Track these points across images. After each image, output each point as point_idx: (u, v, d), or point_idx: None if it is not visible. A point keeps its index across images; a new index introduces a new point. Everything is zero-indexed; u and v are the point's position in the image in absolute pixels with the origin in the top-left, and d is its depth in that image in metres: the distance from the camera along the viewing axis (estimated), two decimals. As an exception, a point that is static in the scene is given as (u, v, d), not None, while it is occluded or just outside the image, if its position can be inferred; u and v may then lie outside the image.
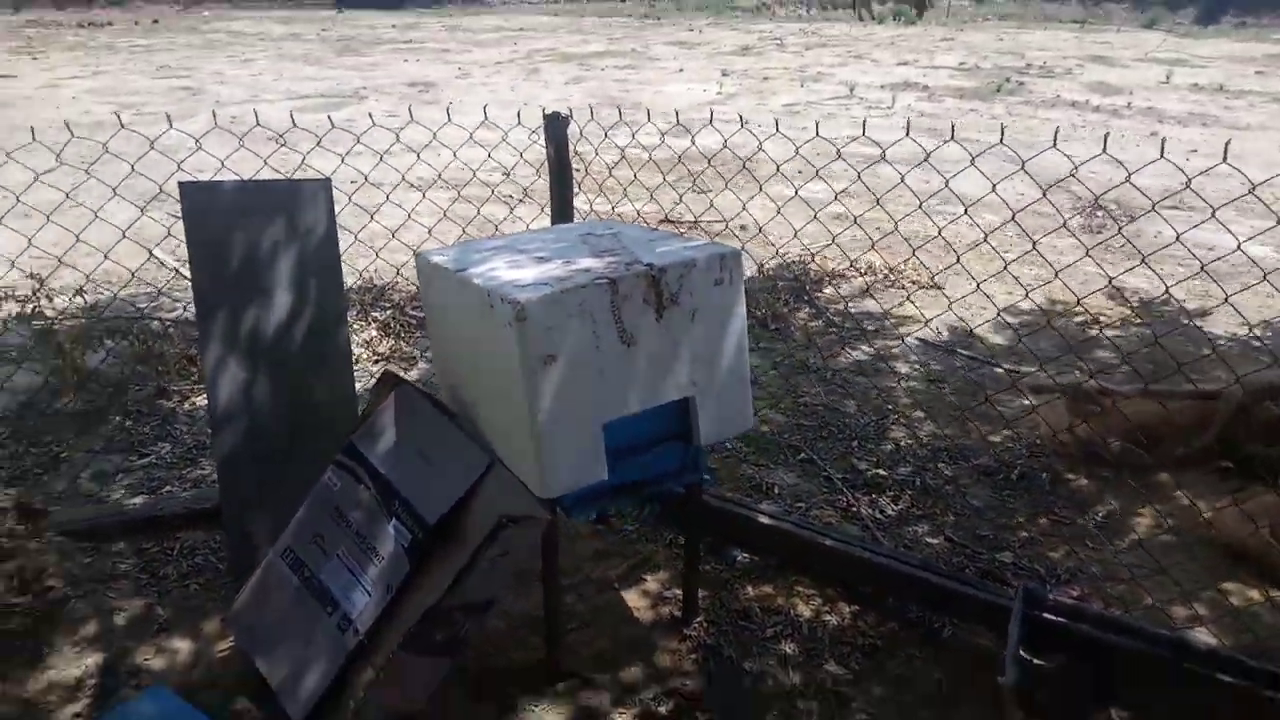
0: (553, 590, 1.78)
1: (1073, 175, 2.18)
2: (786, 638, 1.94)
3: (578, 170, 4.34)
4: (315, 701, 1.59)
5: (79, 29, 18.13)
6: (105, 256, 2.52)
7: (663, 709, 1.74)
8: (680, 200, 3.84)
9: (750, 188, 4.11)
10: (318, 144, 2.77)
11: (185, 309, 3.52)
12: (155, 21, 19.97)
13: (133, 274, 2.90)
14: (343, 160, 2.82)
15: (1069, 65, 12.19)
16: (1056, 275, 2.70)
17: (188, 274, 3.59)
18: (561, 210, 2.42)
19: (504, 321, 1.48)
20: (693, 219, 5.01)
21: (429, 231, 3.58)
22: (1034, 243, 2.50)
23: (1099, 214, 5.23)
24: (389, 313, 3.71)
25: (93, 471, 2.46)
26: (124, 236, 2.56)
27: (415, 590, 1.61)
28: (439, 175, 3.39)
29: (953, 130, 2.94)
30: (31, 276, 3.30)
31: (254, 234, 2.00)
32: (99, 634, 1.92)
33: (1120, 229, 4.72)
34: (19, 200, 2.39)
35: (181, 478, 2.47)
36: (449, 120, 2.99)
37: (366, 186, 3.37)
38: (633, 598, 2.05)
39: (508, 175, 5.60)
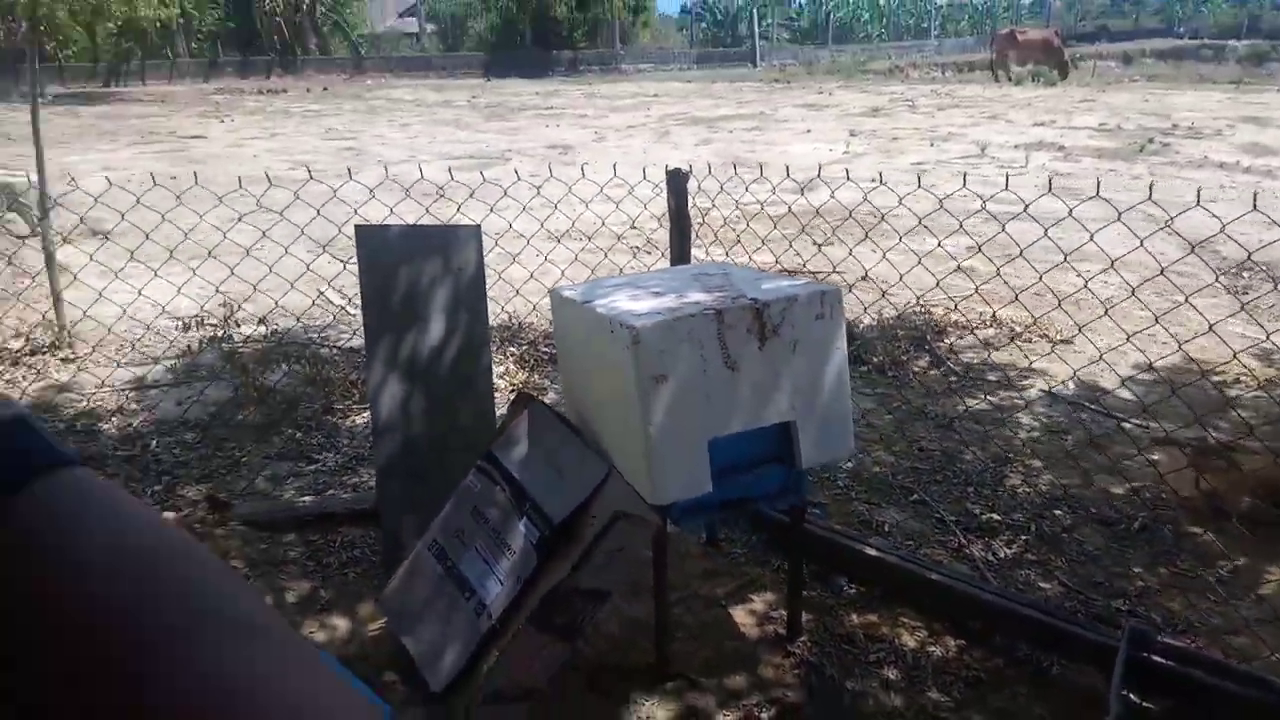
0: (663, 598, 1.93)
1: (1221, 233, 2.19)
2: (889, 664, 1.99)
3: (700, 224, 4.56)
4: (453, 676, 1.79)
5: (259, 95, 20.24)
6: (291, 285, 2.91)
7: (765, 715, 1.83)
8: (795, 251, 3.98)
9: (874, 241, 4.21)
10: (470, 195, 3.11)
11: (350, 339, 3.94)
12: (325, 89, 21.99)
13: (312, 302, 3.31)
14: (491, 209, 3.15)
15: (1219, 126, 11.59)
16: (1210, 327, 2.66)
17: (352, 309, 3.99)
18: (680, 255, 2.62)
19: (622, 344, 1.67)
20: (812, 270, 5.12)
21: (562, 273, 3.87)
22: (1186, 298, 2.49)
23: (1245, 274, 4.99)
24: (524, 348, 4.01)
25: (268, 474, 2.81)
26: (307, 269, 2.95)
27: (541, 582, 1.79)
28: (573, 224, 3.67)
29: (1098, 186, 2.95)
30: (223, 306, 3.80)
31: (415, 271, 2.29)
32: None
33: (1268, 290, 4.49)
34: (224, 236, 2.81)
35: (343, 483, 2.79)
36: (583, 177, 3.27)
37: (510, 235, 3.71)
38: (739, 615, 2.16)
39: (633, 226, 5.89)
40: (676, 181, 2.65)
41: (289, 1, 25.21)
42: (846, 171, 3.45)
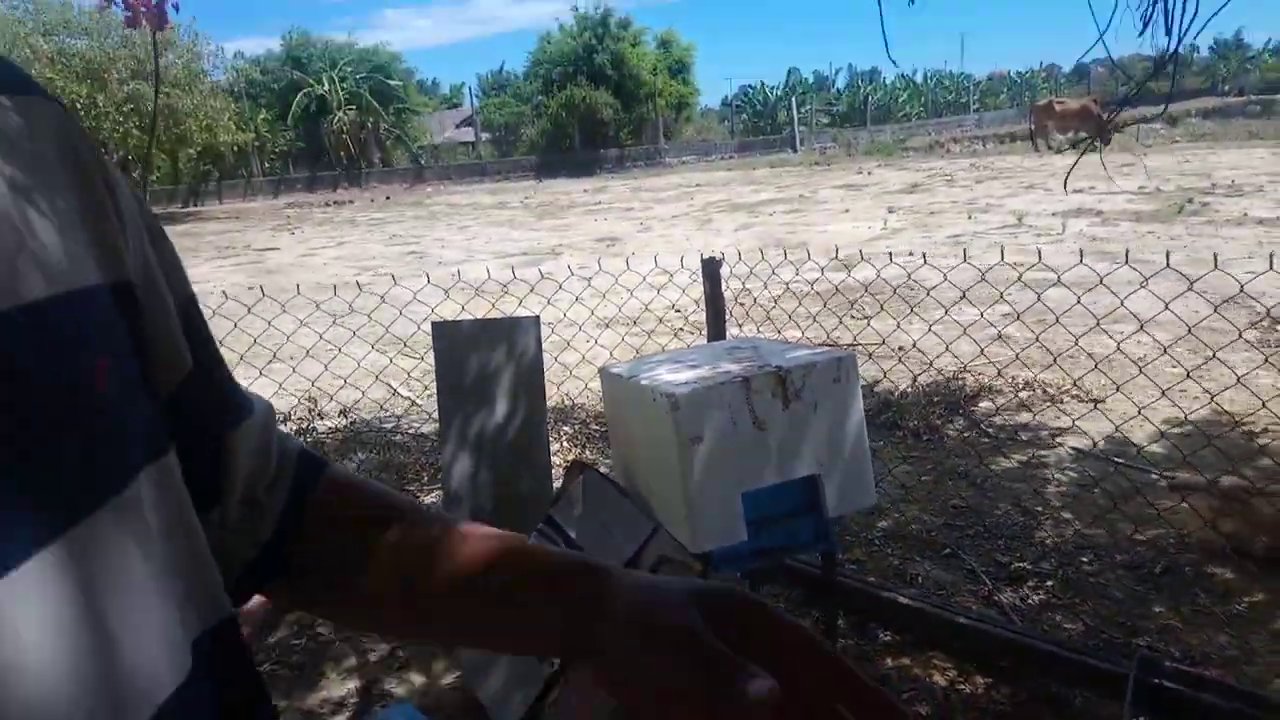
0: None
1: (1245, 289, 2.40)
2: (921, 701, 2.16)
3: (742, 304, 4.85)
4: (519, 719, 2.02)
5: (326, 207, 21.57)
6: (378, 377, 3.28)
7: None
8: (831, 325, 4.23)
9: (906, 313, 4.46)
10: (531, 290, 3.47)
11: (420, 426, 4.29)
12: (387, 198, 23.32)
13: (392, 393, 3.68)
14: (548, 303, 3.50)
15: (1260, 182, 11.63)
16: (1238, 379, 2.83)
17: (420, 402, 4.35)
18: (716, 333, 2.91)
19: (663, 410, 1.95)
20: (851, 340, 5.35)
21: (610, 354, 4.19)
22: (1214, 354, 2.68)
23: (1278, 327, 5.07)
24: (577, 426, 4.30)
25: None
26: (392, 361, 3.32)
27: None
28: (619, 310, 4.01)
29: (1126, 255, 3.17)
30: (309, 400, 4.20)
31: (483, 358, 2.62)
32: (356, 667, 2.46)
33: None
34: (323, 337, 3.20)
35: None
36: (627, 269, 3.62)
37: (563, 323, 4.06)
38: (780, 660, 2.34)
39: (675, 309, 6.24)
40: (710, 268, 2.97)
41: (354, 120, 27.04)
42: (890, 254, 3.72)
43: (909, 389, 4.41)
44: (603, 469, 3.82)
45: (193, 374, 0.47)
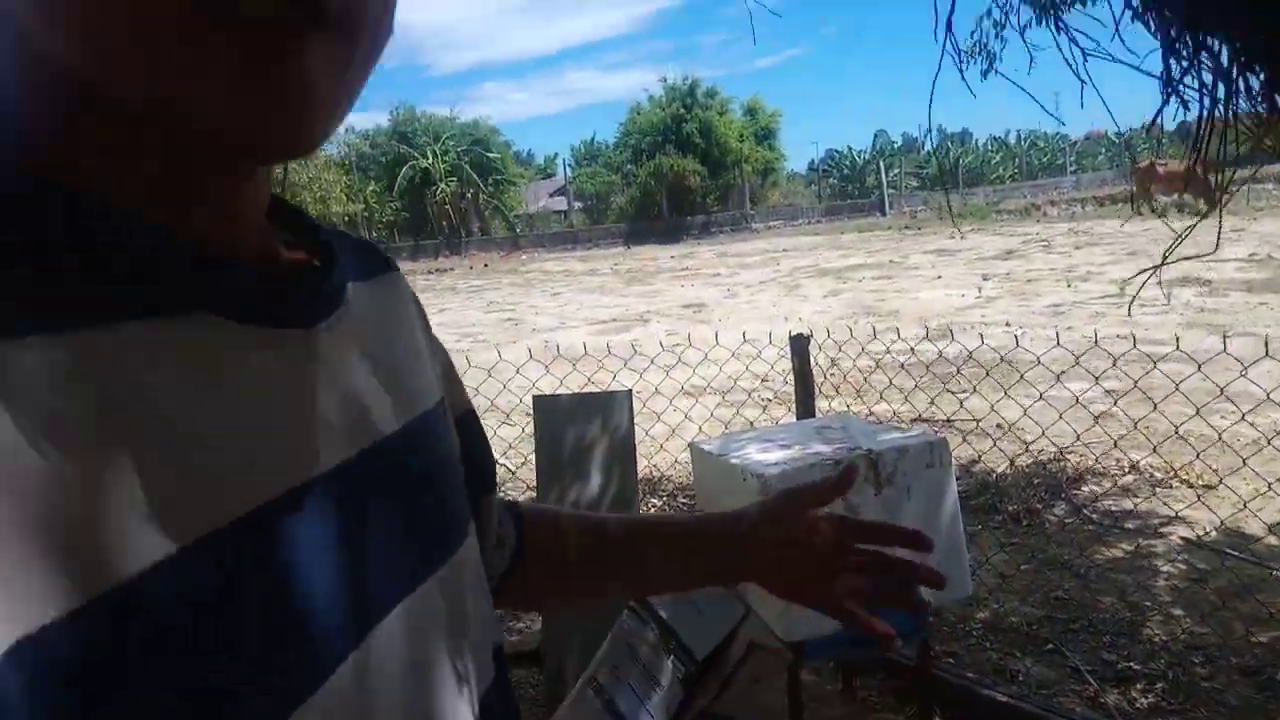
0: (798, 730, 2.13)
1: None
2: (1020, 806, 2.08)
3: (834, 375, 4.84)
4: (609, 794, 2.04)
5: (428, 274, 22.52)
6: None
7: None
8: (925, 401, 4.18)
9: (1004, 385, 4.37)
10: (625, 365, 3.58)
11: (515, 497, 4.42)
12: (485, 266, 24.20)
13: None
14: (640, 376, 3.60)
15: (1389, 248, 10.96)
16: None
17: (517, 472, 4.48)
18: (806, 410, 2.94)
19: (753, 491, 1.99)
20: (945, 418, 5.25)
21: (699, 429, 4.25)
22: None
23: None
24: (665, 499, 4.35)
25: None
26: (496, 432, 3.46)
27: (686, 715, 2.05)
28: (708, 385, 4.07)
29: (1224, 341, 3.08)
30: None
31: (579, 430, 2.73)
32: None
33: None
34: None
35: (509, 627, 3.16)
36: (716, 344, 3.69)
37: (653, 395, 4.15)
38: (872, 753, 2.30)
39: (763, 381, 6.26)
40: (799, 344, 3.02)
41: (455, 191, 28.38)
42: (983, 328, 3.69)
43: (1007, 470, 4.29)
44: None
45: (467, 454, 0.61)
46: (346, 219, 25.64)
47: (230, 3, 0.32)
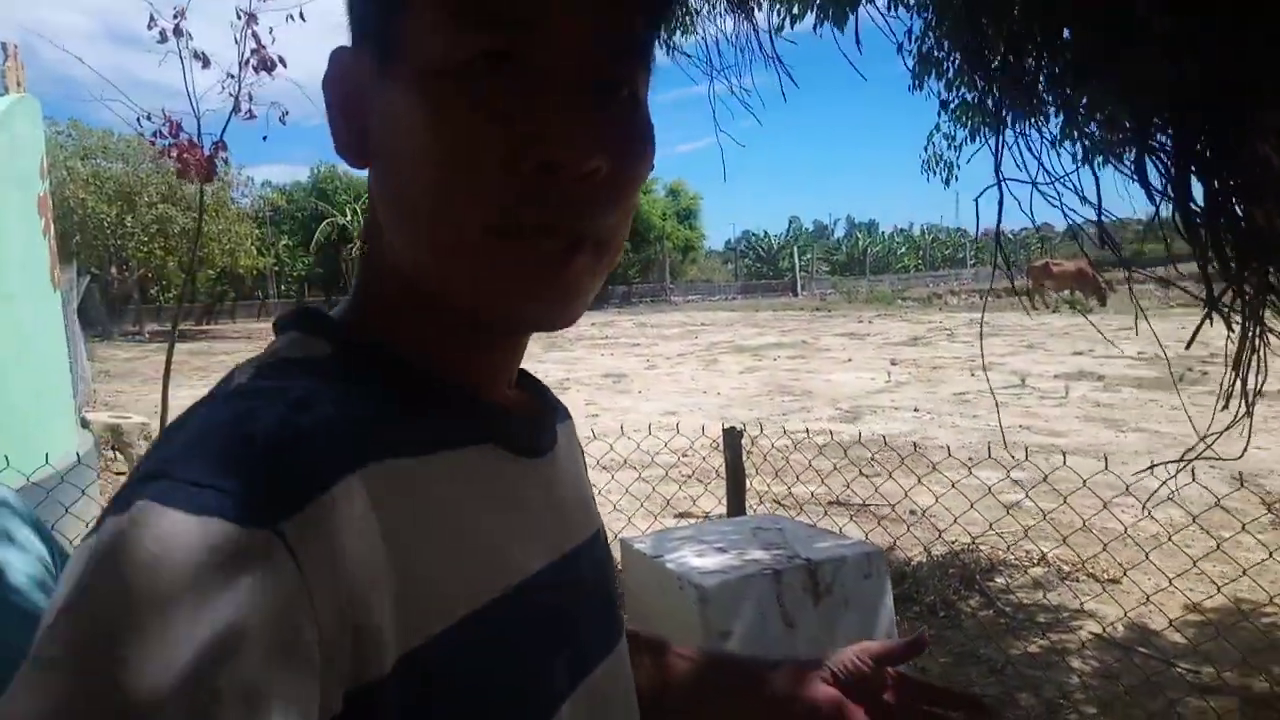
0: None
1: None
2: None
3: (750, 450, 4.86)
4: None
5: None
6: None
7: None
8: (842, 485, 4.22)
9: (917, 472, 4.46)
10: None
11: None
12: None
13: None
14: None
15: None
16: (1244, 571, 2.80)
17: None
18: (737, 505, 2.91)
19: (690, 601, 1.92)
20: (861, 502, 5.32)
21: (613, 505, 4.16)
22: (1218, 545, 2.66)
23: (1293, 508, 5.04)
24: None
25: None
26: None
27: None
28: (624, 460, 4.01)
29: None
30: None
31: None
32: None
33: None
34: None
35: None
36: (647, 434, 3.64)
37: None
38: None
39: (683, 456, 6.25)
40: (732, 438, 3.00)
41: (370, 248, 27.91)
42: (893, 409, 3.77)
43: (923, 559, 4.35)
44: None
45: None
46: (255, 273, 24.85)
47: (533, 243, 0.46)
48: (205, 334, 22.98)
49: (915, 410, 8.63)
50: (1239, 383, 1.18)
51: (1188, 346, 1.21)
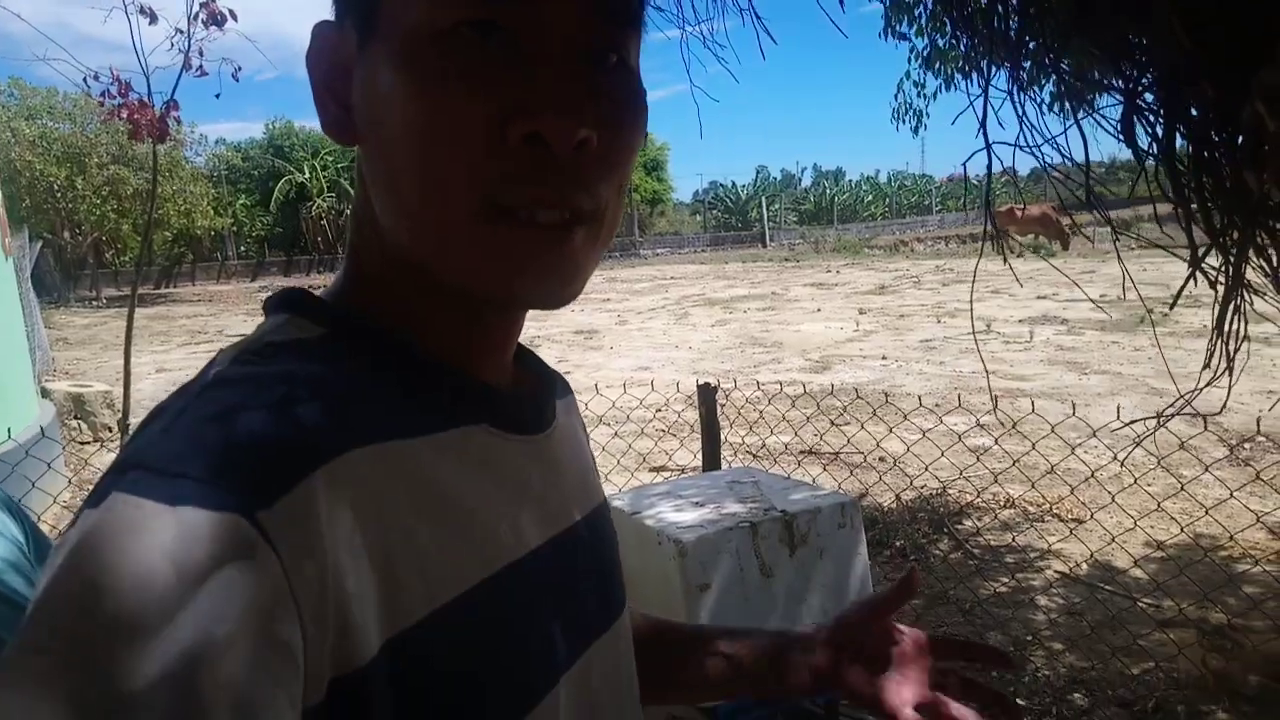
0: (710, 792, 2.08)
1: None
2: None
3: (724, 403, 4.90)
4: None
5: (303, 295, 21.54)
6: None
7: None
8: (813, 432, 4.28)
9: (888, 420, 4.53)
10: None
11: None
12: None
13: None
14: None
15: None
16: (1206, 511, 2.89)
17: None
18: (712, 459, 2.94)
19: (669, 555, 1.95)
20: (833, 451, 5.40)
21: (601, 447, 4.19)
22: (1182, 486, 2.74)
23: (1246, 447, 5.21)
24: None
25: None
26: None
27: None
28: (600, 418, 4.02)
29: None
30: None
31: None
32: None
33: (1272, 461, 4.70)
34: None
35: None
36: (620, 390, 3.65)
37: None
38: (781, 808, 2.28)
39: (658, 411, 6.28)
40: (706, 394, 3.02)
41: (332, 206, 27.36)
42: (862, 357, 3.80)
43: (893, 505, 4.43)
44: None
45: None
46: (212, 233, 24.28)
47: (528, 220, 0.45)
48: (165, 298, 22.48)
49: (883, 359, 8.73)
50: (1220, 343, 1.20)
51: (1171, 308, 1.22)
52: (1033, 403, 3.94)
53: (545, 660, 0.50)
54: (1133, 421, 2.52)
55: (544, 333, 12.32)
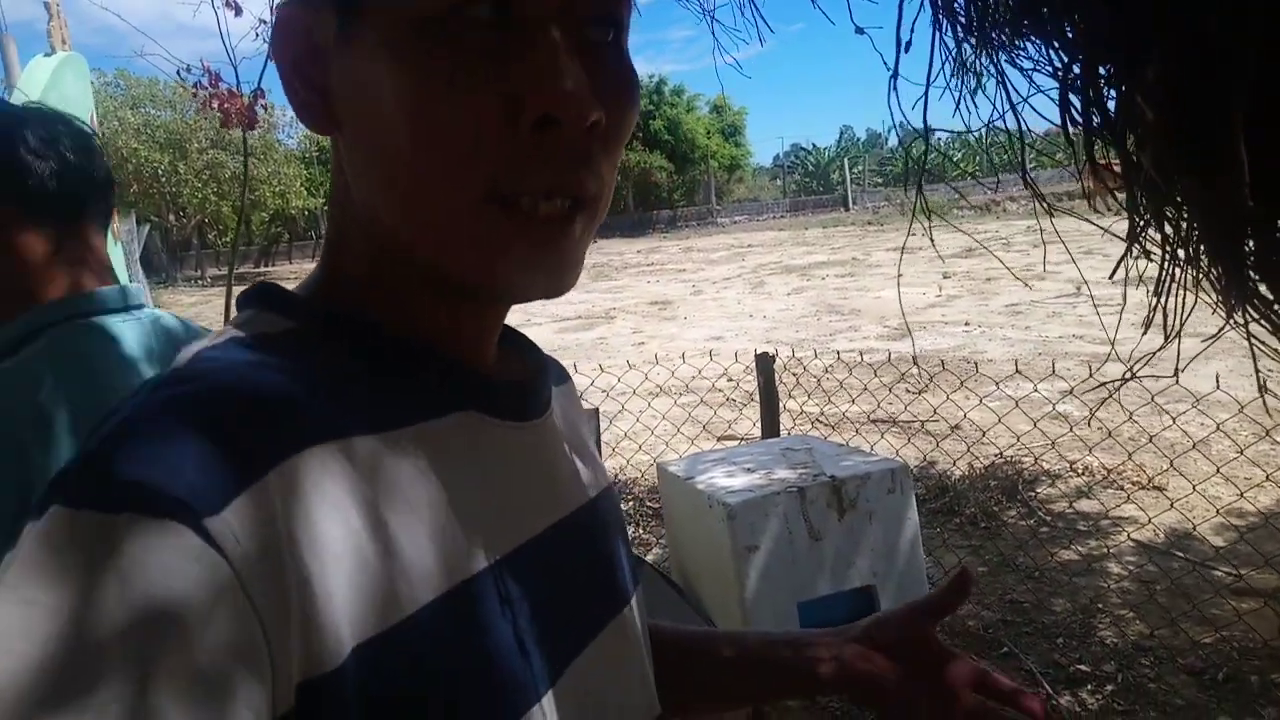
0: (762, 743, 2.17)
1: None
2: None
3: (794, 374, 4.92)
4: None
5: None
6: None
7: None
8: (891, 399, 4.26)
9: (968, 388, 4.47)
10: (601, 371, 3.59)
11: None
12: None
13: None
14: (601, 370, 3.61)
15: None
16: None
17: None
18: (770, 427, 2.99)
19: (719, 519, 2.03)
20: (907, 420, 5.35)
21: (662, 417, 4.28)
22: (1267, 432, 2.66)
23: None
24: (632, 504, 4.38)
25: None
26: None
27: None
28: (661, 388, 4.10)
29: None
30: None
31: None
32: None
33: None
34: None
35: None
36: (682, 362, 3.72)
37: (615, 393, 4.18)
38: (834, 763, 2.36)
39: (729, 379, 6.33)
40: (764, 364, 3.07)
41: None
42: (944, 324, 3.77)
43: (965, 473, 4.39)
44: (656, 551, 3.89)
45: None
46: (306, 213, 25.27)
47: (531, 210, 0.44)
48: (264, 276, 23.54)
49: (966, 325, 8.52)
50: (1160, 311, 1.21)
51: (1110, 276, 1.24)
52: (1131, 371, 3.83)
53: (532, 666, 0.47)
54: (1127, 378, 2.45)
55: (619, 305, 12.45)
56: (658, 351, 4.13)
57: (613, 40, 0.46)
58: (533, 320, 11.37)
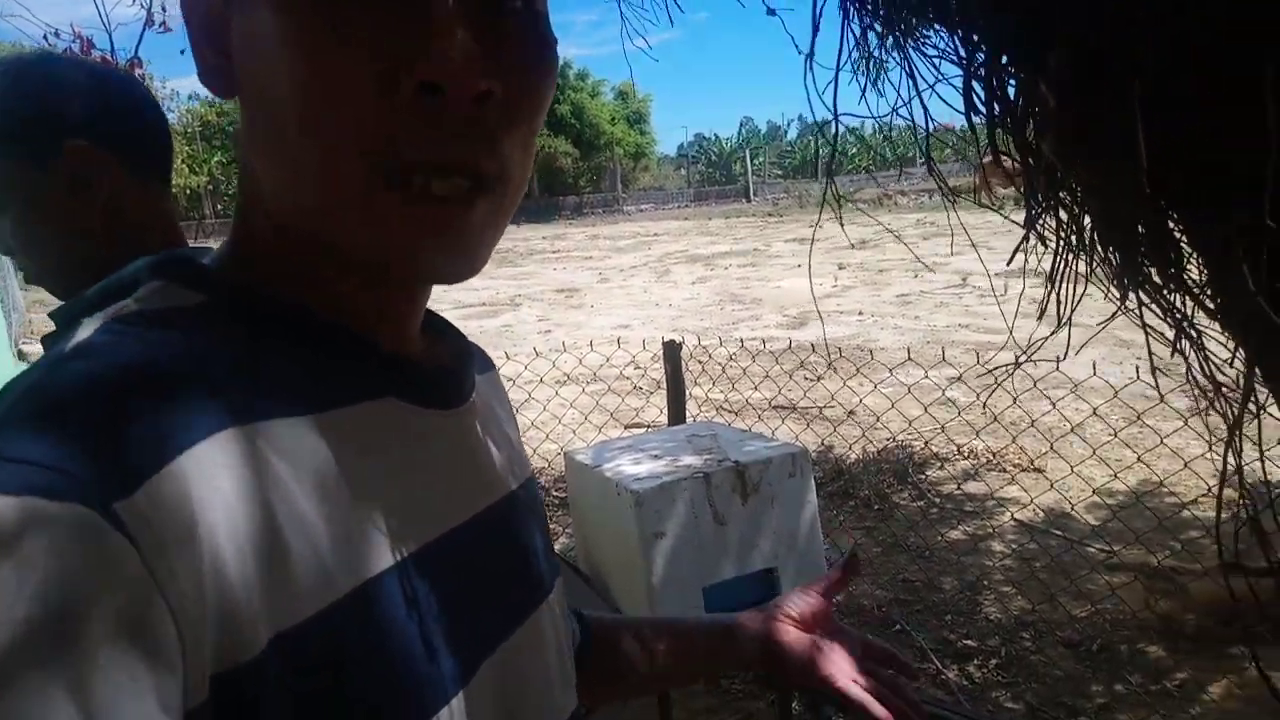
0: (667, 729, 2.19)
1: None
2: (872, 785, 2.23)
3: (703, 361, 4.96)
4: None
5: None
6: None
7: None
8: (790, 386, 4.35)
9: (863, 374, 4.61)
10: (507, 359, 3.53)
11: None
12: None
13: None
14: (507, 358, 3.56)
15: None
16: (1167, 444, 2.99)
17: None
18: (677, 414, 3.01)
19: (626, 505, 2.02)
20: (808, 404, 5.49)
21: (570, 404, 4.25)
22: (1139, 415, 2.83)
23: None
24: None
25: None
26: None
27: None
28: (568, 376, 4.07)
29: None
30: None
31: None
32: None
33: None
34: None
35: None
36: (590, 350, 3.70)
37: (521, 381, 4.12)
38: (737, 744, 2.40)
39: (635, 366, 6.35)
40: (671, 351, 3.08)
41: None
42: (839, 313, 3.85)
43: (859, 456, 4.54)
44: (563, 540, 3.86)
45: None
46: (188, 192, 23.93)
47: (424, 187, 0.41)
48: (142, 257, 22.19)
49: (859, 314, 8.81)
50: (1054, 297, 1.28)
51: (1008, 263, 1.29)
52: (1016, 360, 4.01)
53: (450, 658, 0.46)
54: (1020, 362, 2.60)
55: (525, 291, 12.32)
56: (565, 339, 4.09)
57: (524, 6, 0.43)
58: (432, 305, 11.10)
